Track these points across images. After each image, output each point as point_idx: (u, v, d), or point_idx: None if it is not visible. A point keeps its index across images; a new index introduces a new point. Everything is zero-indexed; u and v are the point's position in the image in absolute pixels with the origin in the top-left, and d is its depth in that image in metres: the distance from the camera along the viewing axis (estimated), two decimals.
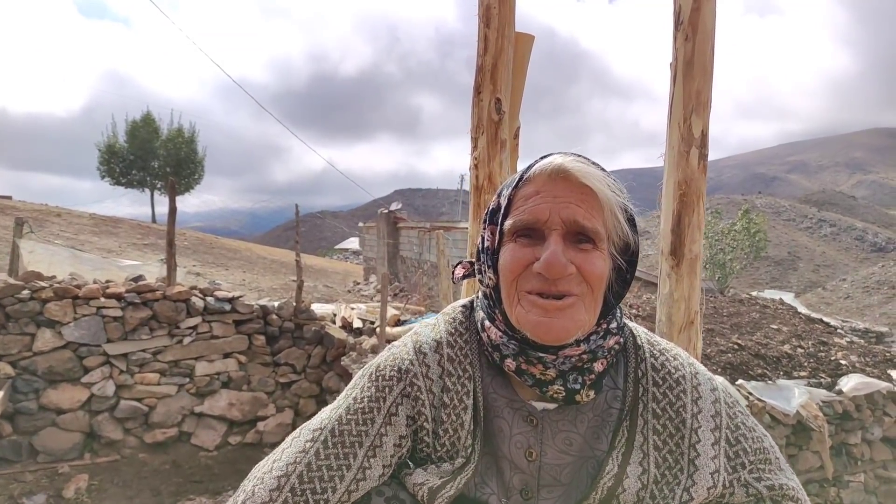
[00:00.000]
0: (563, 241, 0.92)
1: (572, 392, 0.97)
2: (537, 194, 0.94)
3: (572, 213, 0.92)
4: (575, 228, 0.92)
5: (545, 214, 0.92)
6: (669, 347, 1.09)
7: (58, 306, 5.77)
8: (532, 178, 0.96)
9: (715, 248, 18.57)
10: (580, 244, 0.93)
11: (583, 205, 0.92)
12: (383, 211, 20.13)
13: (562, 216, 0.92)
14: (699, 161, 2.66)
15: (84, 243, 15.75)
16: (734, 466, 1.00)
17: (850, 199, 72.72)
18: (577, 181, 0.93)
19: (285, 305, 6.97)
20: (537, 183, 0.95)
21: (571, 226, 0.92)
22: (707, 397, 1.01)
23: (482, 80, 2.88)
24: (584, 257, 0.92)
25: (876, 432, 4.97)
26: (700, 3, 2.65)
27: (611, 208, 0.94)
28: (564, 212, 0.92)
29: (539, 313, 0.92)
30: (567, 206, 0.92)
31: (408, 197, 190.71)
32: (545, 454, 0.99)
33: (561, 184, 0.93)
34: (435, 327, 1.10)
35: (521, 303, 0.95)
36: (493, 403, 1.02)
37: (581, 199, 0.93)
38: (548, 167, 0.95)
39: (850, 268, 42.57)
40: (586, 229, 0.92)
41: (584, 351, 0.97)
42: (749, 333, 6.05)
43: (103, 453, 5.91)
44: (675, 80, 2.72)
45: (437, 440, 1.02)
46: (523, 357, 0.97)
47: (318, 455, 0.98)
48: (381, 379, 1.04)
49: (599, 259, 0.93)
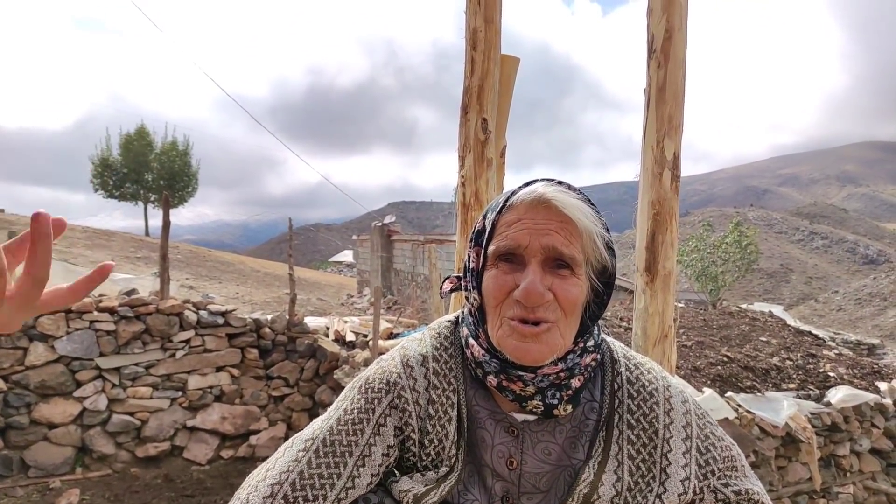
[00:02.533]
0: (542, 268, 0.98)
1: (550, 407, 1.02)
2: (519, 221, 1.00)
3: (551, 241, 0.97)
4: (554, 255, 0.97)
5: (525, 241, 0.97)
6: (644, 361, 1.15)
7: (50, 320, 5.76)
8: (514, 206, 1.01)
9: (707, 261, 18.65)
10: (559, 269, 0.98)
11: (562, 232, 0.97)
12: (377, 224, 20.17)
13: (541, 243, 0.97)
14: (672, 182, 2.75)
15: (77, 256, 15.72)
16: (704, 474, 1.05)
17: (842, 212, 73.21)
18: (557, 210, 0.98)
19: (278, 319, 6.98)
20: (519, 210, 1.00)
21: (550, 252, 0.97)
22: (678, 409, 1.07)
23: (469, 100, 2.96)
24: (561, 284, 0.98)
25: (864, 444, 5.02)
26: (672, 32, 2.75)
27: (589, 235, 0.99)
28: (544, 239, 0.97)
29: (518, 338, 0.98)
30: (547, 233, 0.97)
31: (402, 210, 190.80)
32: (525, 463, 1.03)
33: (542, 212, 0.98)
34: (421, 342, 1.15)
35: (503, 327, 1.00)
36: (476, 415, 1.07)
37: (560, 227, 0.98)
38: (529, 195, 1.00)
39: (841, 280, 42.81)
40: (564, 256, 0.97)
41: (562, 369, 1.02)
42: (738, 346, 6.10)
43: (95, 468, 5.89)
44: (648, 105, 2.82)
45: (422, 450, 1.07)
46: (504, 375, 1.02)
47: (309, 464, 1.01)
48: (371, 391, 1.09)
49: (575, 286, 0.99)
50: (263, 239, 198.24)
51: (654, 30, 2.78)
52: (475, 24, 2.97)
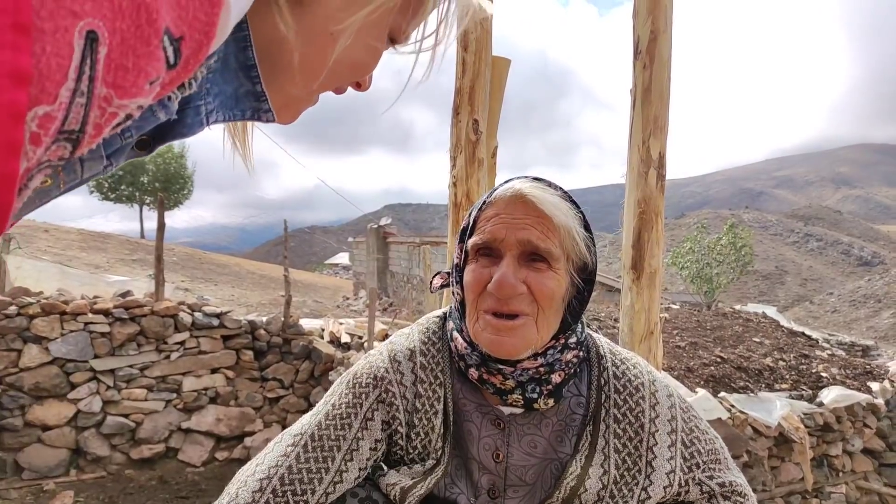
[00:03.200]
0: (518, 261, 1.00)
1: (531, 401, 1.04)
2: (497, 216, 1.02)
3: (527, 235, 0.99)
4: (529, 248, 0.99)
5: (502, 234, 1.00)
6: (630, 357, 1.16)
7: (45, 322, 5.76)
8: (493, 202, 1.04)
9: (702, 263, 18.71)
10: (534, 262, 1.00)
11: (538, 226, 0.99)
12: (373, 226, 20.18)
13: (517, 237, 0.99)
14: (657, 181, 2.79)
15: (72, 259, 15.69)
16: (689, 467, 1.07)
17: (836, 214, 73.49)
18: (534, 205, 1.00)
19: (274, 320, 6.99)
20: (498, 206, 1.03)
21: (526, 245, 0.99)
22: (664, 403, 1.09)
23: (460, 101, 2.99)
24: (536, 277, 0.99)
25: (856, 444, 5.05)
26: (657, 34, 2.79)
27: (567, 230, 1.01)
28: (521, 233, 0.99)
29: (492, 331, 1.00)
30: (523, 228, 0.99)
31: (398, 212, 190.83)
32: (511, 456, 1.05)
33: (519, 207, 1.01)
34: (409, 336, 1.17)
35: (479, 320, 1.02)
36: (462, 408, 1.09)
37: (537, 222, 1.00)
38: (507, 191, 1.02)
39: (836, 282, 42.97)
40: (539, 249, 0.99)
41: (542, 364, 1.04)
42: (732, 346, 6.13)
43: (89, 470, 5.88)
44: (634, 105, 2.87)
45: (409, 443, 1.09)
46: (485, 368, 1.04)
47: (298, 459, 1.03)
48: (358, 386, 1.10)
49: (551, 279, 1.00)
50: (259, 241, 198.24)
51: (640, 31, 2.82)
52: None
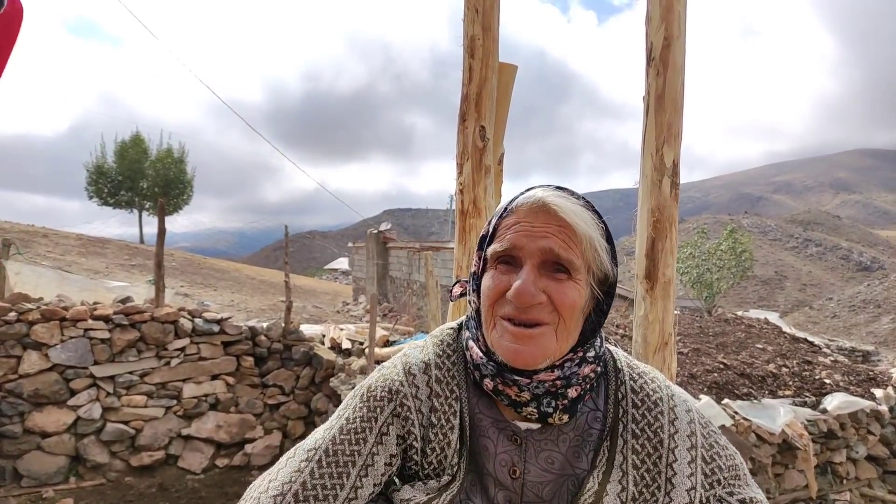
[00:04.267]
0: (538, 270, 0.97)
1: (545, 415, 1.01)
2: (517, 224, 1.00)
3: (548, 243, 0.97)
4: (550, 258, 0.97)
5: (522, 242, 0.98)
6: (648, 370, 1.14)
7: (45, 328, 5.74)
8: (515, 210, 1.02)
9: (702, 268, 18.70)
10: (555, 273, 0.98)
11: (560, 235, 0.97)
12: (373, 231, 20.16)
13: (538, 245, 0.97)
14: (671, 189, 2.78)
15: (71, 264, 15.66)
16: (711, 483, 1.04)
17: (835, 219, 73.55)
18: (556, 214, 0.98)
19: (274, 326, 6.96)
20: (519, 214, 1.01)
21: (547, 254, 0.97)
22: (683, 418, 1.06)
23: (467, 108, 2.98)
24: (557, 287, 0.97)
25: (860, 451, 5.03)
26: (670, 40, 2.78)
27: (590, 241, 0.98)
28: (541, 241, 0.97)
29: (510, 339, 0.97)
30: (545, 236, 0.97)
31: (398, 217, 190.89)
32: (528, 472, 1.02)
33: (541, 216, 0.99)
34: (424, 349, 1.14)
35: (496, 327, 1.00)
36: (478, 423, 1.06)
37: (559, 231, 0.98)
38: (529, 199, 1.00)
39: (836, 287, 42.99)
40: (561, 259, 0.97)
41: (559, 377, 1.01)
42: (735, 353, 6.11)
43: (89, 477, 5.84)
44: (647, 112, 2.85)
45: (424, 458, 1.06)
46: (500, 378, 1.02)
47: (312, 475, 1.01)
48: (373, 399, 1.08)
49: (573, 289, 0.98)
50: (259, 246, 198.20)
51: (653, 38, 2.81)
52: (473, 32, 3.00)
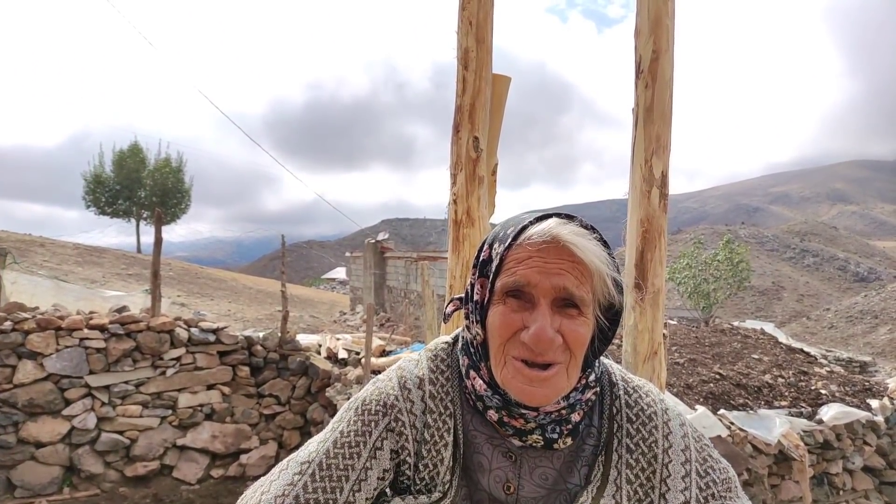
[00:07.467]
0: (551, 309, 0.95)
1: (550, 441, 1.01)
2: (530, 258, 0.96)
3: (563, 281, 0.94)
4: (564, 295, 0.95)
5: (536, 279, 0.95)
6: (642, 384, 1.14)
7: (40, 338, 5.72)
8: (526, 243, 0.98)
9: (699, 279, 18.72)
10: (567, 308, 0.96)
11: (573, 272, 0.95)
12: (370, 240, 20.17)
13: (553, 283, 0.94)
14: (660, 200, 2.80)
15: (68, 273, 15.62)
16: (705, 497, 1.04)
17: (832, 230, 73.66)
18: (569, 251, 0.95)
19: (270, 336, 6.95)
20: (531, 248, 0.97)
21: (561, 292, 0.95)
22: (677, 432, 1.07)
23: (461, 119, 3.01)
24: (570, 325, 0.95)
25: (857, 461, 5.02)
26: (659, 53, 2.81)
27: (600, 275, 0.97)
28: (556, 279, 0.94)
29: (523, 381, 0.96)
30: (559, 273, 0.95)
31: (395, 226, 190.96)
32: (522, 488, 1.02)
33: (554, 251, 0.95)
34: (418, 363, 1.13)
35: (508, 367, 0.98)
36: (473, 440, 1.06)
37: (572, 267, 0.95)
38: (543, 235, 0.96)
39: (833, 297, 43.02)
40: (574, 297, 0.95)
41: (564, 406, 1.01)
42: (731, 363, 6.11)
43: (83, 487, 5.81)
44: (636, 124, 2.88)
45: (416, 474, 1.06)
46: (506, 411, 1.01)
47: (305, 488, 1.00)
48: (367, 413, 1.07)
49: (583, 326, 0.97)
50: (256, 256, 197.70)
51: (642, 51, 2.85)
52: (467, 44, 3.04)
